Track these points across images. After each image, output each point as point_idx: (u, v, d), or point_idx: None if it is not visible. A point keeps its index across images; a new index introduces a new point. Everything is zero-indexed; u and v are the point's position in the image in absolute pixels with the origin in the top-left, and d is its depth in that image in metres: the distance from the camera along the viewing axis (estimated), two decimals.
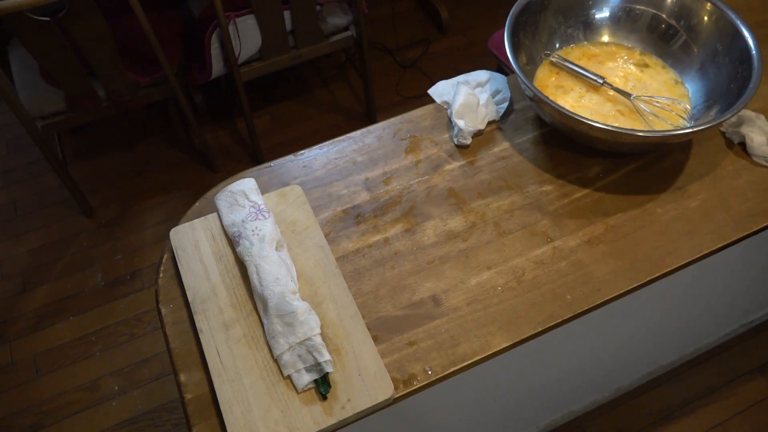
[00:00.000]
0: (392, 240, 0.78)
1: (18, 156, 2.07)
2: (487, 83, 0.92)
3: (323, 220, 0.80)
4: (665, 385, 1.53)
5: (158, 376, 1.59)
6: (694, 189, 0.82)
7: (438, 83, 0.93)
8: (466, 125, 0.85)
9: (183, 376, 0.67)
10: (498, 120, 0.90)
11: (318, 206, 0.81)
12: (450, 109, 0.89)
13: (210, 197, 0.82)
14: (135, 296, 1.74)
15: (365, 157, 0.86)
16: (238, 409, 0.63)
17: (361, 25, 1.80)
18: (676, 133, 0.73)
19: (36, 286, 1.76)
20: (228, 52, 1.66)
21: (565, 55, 0.92)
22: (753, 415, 1.48)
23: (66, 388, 1.57)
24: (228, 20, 1.60)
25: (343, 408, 0.63)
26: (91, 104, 1.64)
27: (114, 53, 1.53)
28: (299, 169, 0.85)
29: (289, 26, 1.72)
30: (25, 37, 1.39)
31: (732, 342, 1.59)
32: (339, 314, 0.70)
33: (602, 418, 1.48)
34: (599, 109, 0.86)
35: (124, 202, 1.95)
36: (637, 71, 0.90)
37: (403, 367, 0.68)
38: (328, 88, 2.24)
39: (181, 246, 0.76)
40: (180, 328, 0.71)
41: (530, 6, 0.87)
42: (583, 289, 0.74)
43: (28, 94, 1.61)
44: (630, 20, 0.92)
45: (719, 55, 0.84)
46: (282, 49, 1.77)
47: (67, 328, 1.68)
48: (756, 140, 0.84)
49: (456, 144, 0.88)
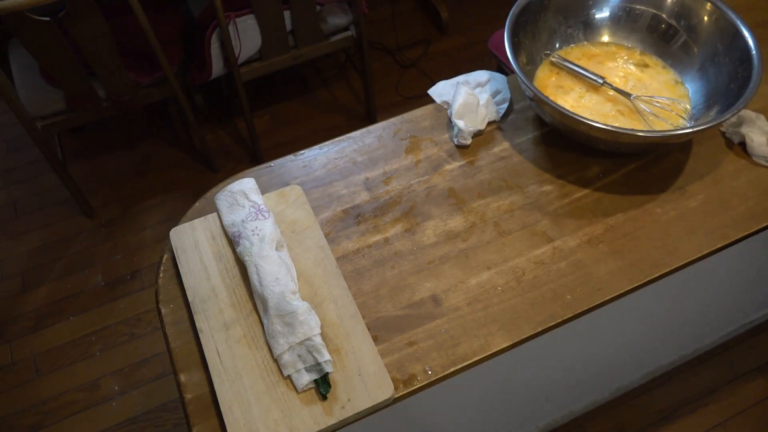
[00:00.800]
0: (392, 240, 0.78)
1: (18, 156, 2.07)
2: (487, 83, 0.92)
3: (323, 220, 0.80)
4: (665, 385, 1.53)
5: (158, 376, 1.59)
6: (694, 189, 0.82)
7: (438, 83, 0.93)
8: (465, 125, 0.85)
9: (183, 376, 0.67)
10: (498, 120, 0.90)
11: (318, 206, 0.81)
12: (450, 109, 0.89)
13: (210, 197, 0.82)
14: (135, 296, 1.74)
15: (365, 157, 0.86)
16: (238, 409, 0.63)
17: (361, 25, 1.80)
18: (676, 133, 0.73)
19: (36, 286, 1.76)
20: (228, 52, 1.66)
21: (565, 55, 0.92)
22: (753, 415, 1.48)
23: (66, 388, 1.57)
24: (228, 20, 1.60)
25: (343, 408, 0.64)
26: (91, 104, 1.64)
27: (114, 53, 1.53)
28: (299, 169, 0.85)
29: (289, 26, 1.72)
30: (25, 37, 1.39)
31: (732, 342, 1.59)
32: (339, 314, 0.70)
33: (602, 418, 1.48)
34: (599, 109, 0.86)
35: (124, 202, 1.95)
36: (637, 71, 0.90)
37: (403, 367, 0.68)
38: (328, 88, 2.24)
39: (181, 246, 0.76)
40: (180, 328, 0.71)
41: (530, 6, 0.87)
42: (583, 289, 0.74)
43: (28, 94, 1.61)
44: (630, 20, 0.92)
45: (719, 55, 0.84)
46: (282, 49, 1.77)
47: (67, 328, 1.68)
48: (756, 140, 0.84)
49: (456, 144, 0.88)
